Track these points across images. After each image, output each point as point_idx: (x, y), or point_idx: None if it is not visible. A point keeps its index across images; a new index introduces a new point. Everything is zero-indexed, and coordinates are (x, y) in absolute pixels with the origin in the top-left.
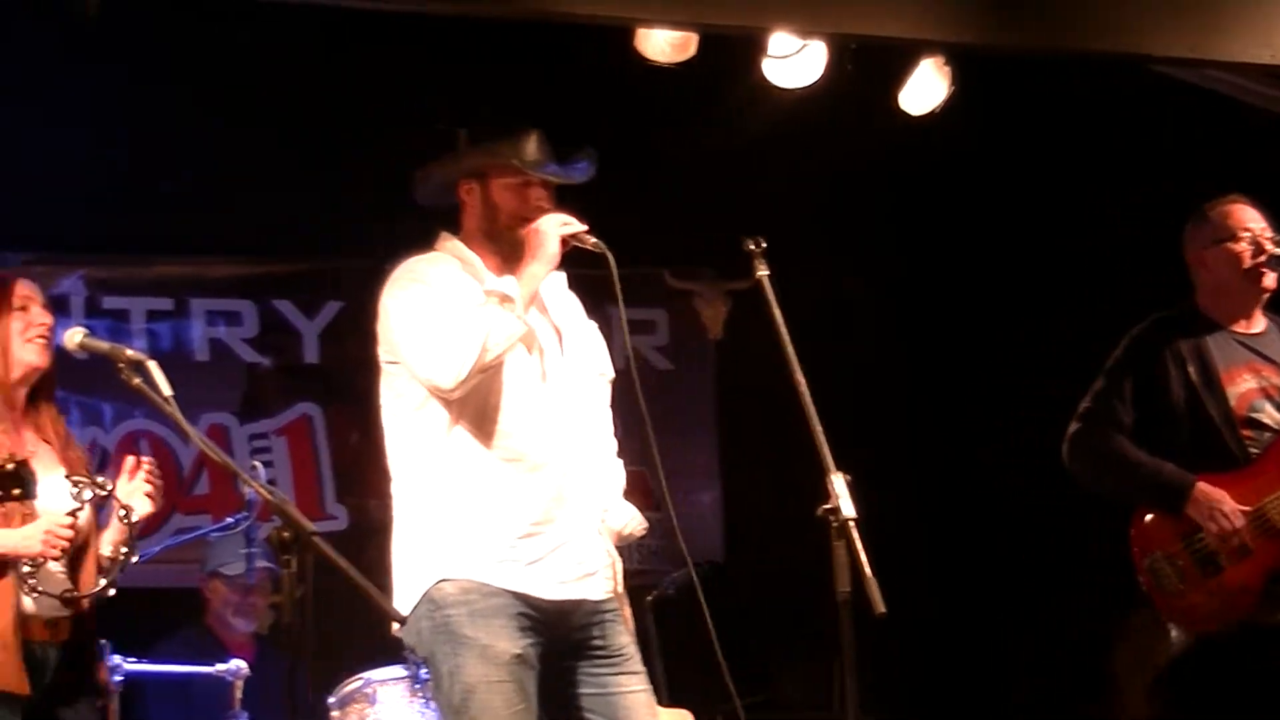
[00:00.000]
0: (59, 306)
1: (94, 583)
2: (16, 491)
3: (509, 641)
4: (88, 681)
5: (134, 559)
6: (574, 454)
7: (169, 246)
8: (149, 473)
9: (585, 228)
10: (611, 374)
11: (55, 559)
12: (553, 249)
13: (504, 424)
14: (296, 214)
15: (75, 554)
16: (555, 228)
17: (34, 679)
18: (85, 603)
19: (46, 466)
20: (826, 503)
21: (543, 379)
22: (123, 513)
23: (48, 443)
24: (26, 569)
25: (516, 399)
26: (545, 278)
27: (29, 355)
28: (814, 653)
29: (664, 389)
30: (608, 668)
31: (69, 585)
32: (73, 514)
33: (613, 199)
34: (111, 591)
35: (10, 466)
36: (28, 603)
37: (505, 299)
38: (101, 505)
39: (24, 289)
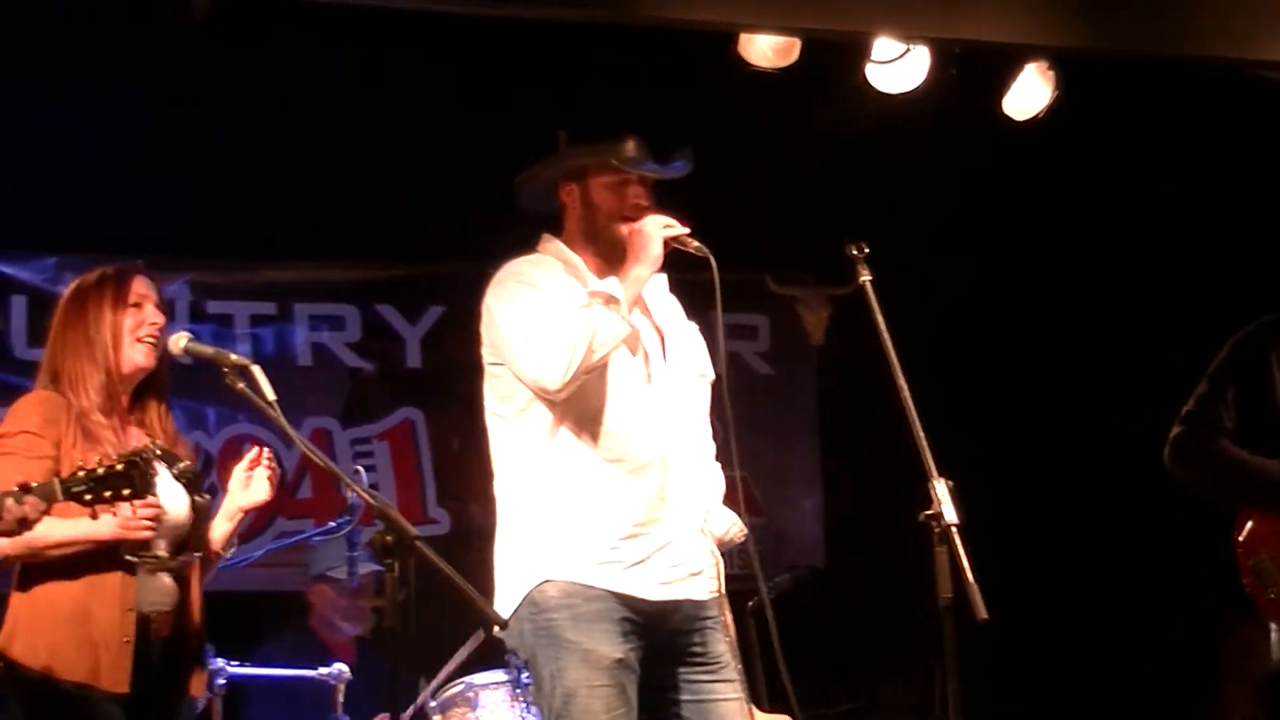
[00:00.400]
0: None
1: (200, 575)
2: (126, 491)
3: (610, 646)
4: (187, 680)
5: (227, 553)
6: (676, 455)
7: (273, 251)
8: (269, 465)
9: (688, 230)
10: (713, 375)
11: (139, 540)
12: (656, 250)
13: (608, 425)
14: (400, 219)
15: (179, 544)
16: (658, 229)
17: (136, 676)
18: (193, 600)
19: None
20: (928, 508)
21: (646, 380)
22: (200, 499)
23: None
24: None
25: (620, 400)
26: (648, 279)
27: (137, 355)
28: (915, 658)
29: (765, 394)
30: (705, 675)
31: (176, 583)
32: (148, 503)
33: (715, 204)
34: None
35: (120, 466)
36: (144, 595)
37: (610, 300)
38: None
39: (141, 286)
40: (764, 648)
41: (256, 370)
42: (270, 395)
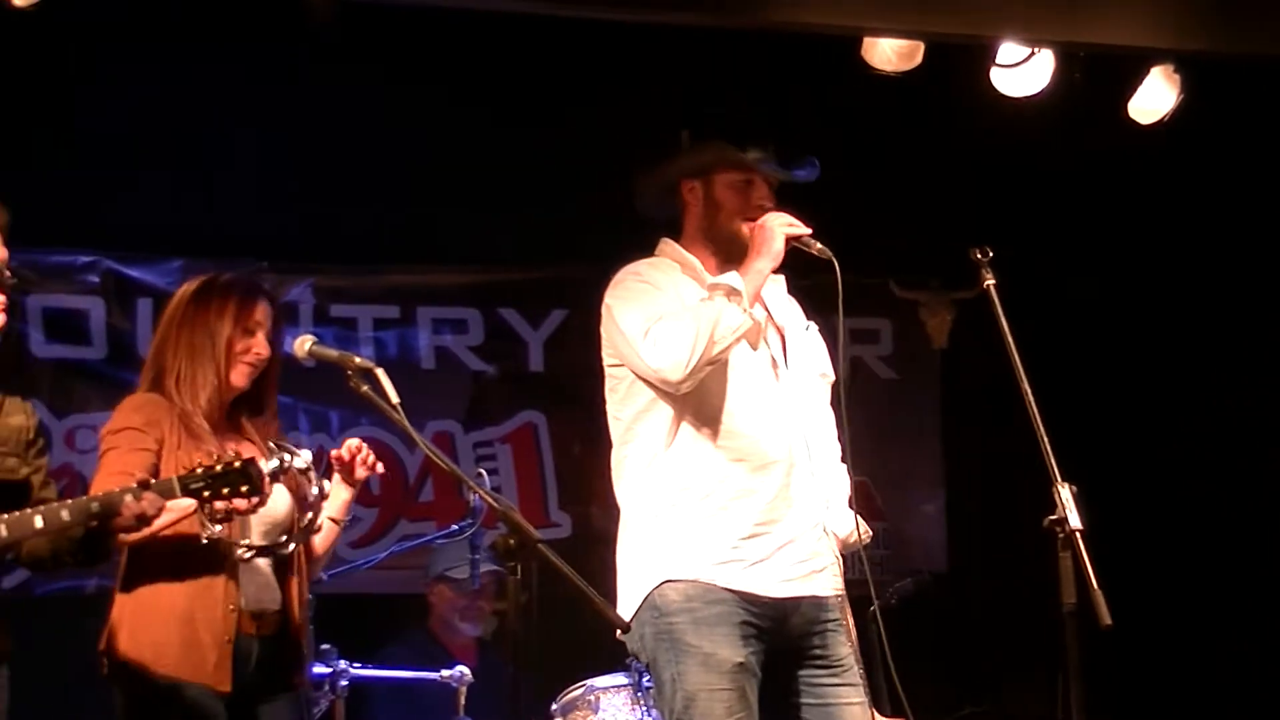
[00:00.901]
0: (287, 314)
1: (306, 568)
2: (244, 488)
3: (731, 649)
4: (290, 678)
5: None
6: (799, 454)
7: (397, 255)
8: (364, 460)
9: (809, 231)
10: (833, 376)
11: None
12: (778, 246)
13: (730, 424)
14: (523, 222)
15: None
16: (781, 226)
17: (236, 674)
18: (296, 599)
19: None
20: (1053, 513)
21: (769, 381)
22: (316, 491)
23: (253, 444)
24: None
25: (742, 398)
26: (769, 274)
27: (237, 377)
28: (1038, 664)
29: (888, 398)
30: (827, 677)
31: (280, 581)
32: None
33: (837, 208)
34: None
35: (237, 464)
36: (248, 594)
37: (732, 292)
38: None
39: (261, 314)
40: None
41: (380, 373)
42: (394, 398)
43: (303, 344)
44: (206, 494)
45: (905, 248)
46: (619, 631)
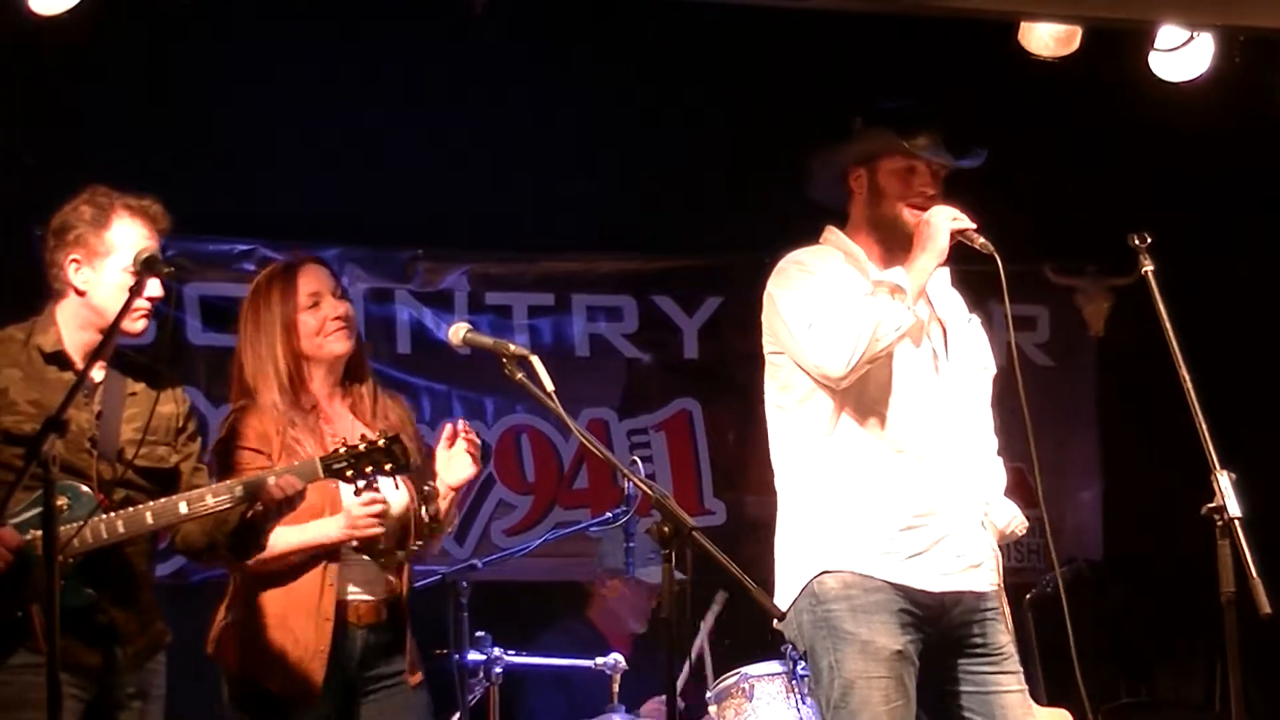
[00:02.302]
0: (442, 302)
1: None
2: (388, 466)
3: (890, 637)
4: (401, 665)
5: (448, 529)
6: (958, 447)
7: (551, 243)
8: (467, 437)
9: (974, 225)
10: (994, 369)
11: (370, 540)
12: (942, 242)
13: (891, 415)
14: (678, 210)
15: (402, 535)
16: (946, 221)
17: (340, 664)
18: (402, 587)
19: None
20: (1211, 501)
21: (930, 373)
22: (427, 488)
23: (366, 425)
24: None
25: (903, 390)
26: (933, 270)
27: (334, 347)
28: (1196, 652)
29: (1044, 386)
30: (986, 666)
31: (384, 570)
32: (373, 500)
33: (995, 194)
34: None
35: (381, 442)
36: (350, 586)
37: (896, 289)
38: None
39: (311, 283)
40: (1042, 642)
41: (536, 361)
42: (549, 386)
43: (458, 332)
44: (349, 473)
45: (1062, 234)
46: (775, 619)
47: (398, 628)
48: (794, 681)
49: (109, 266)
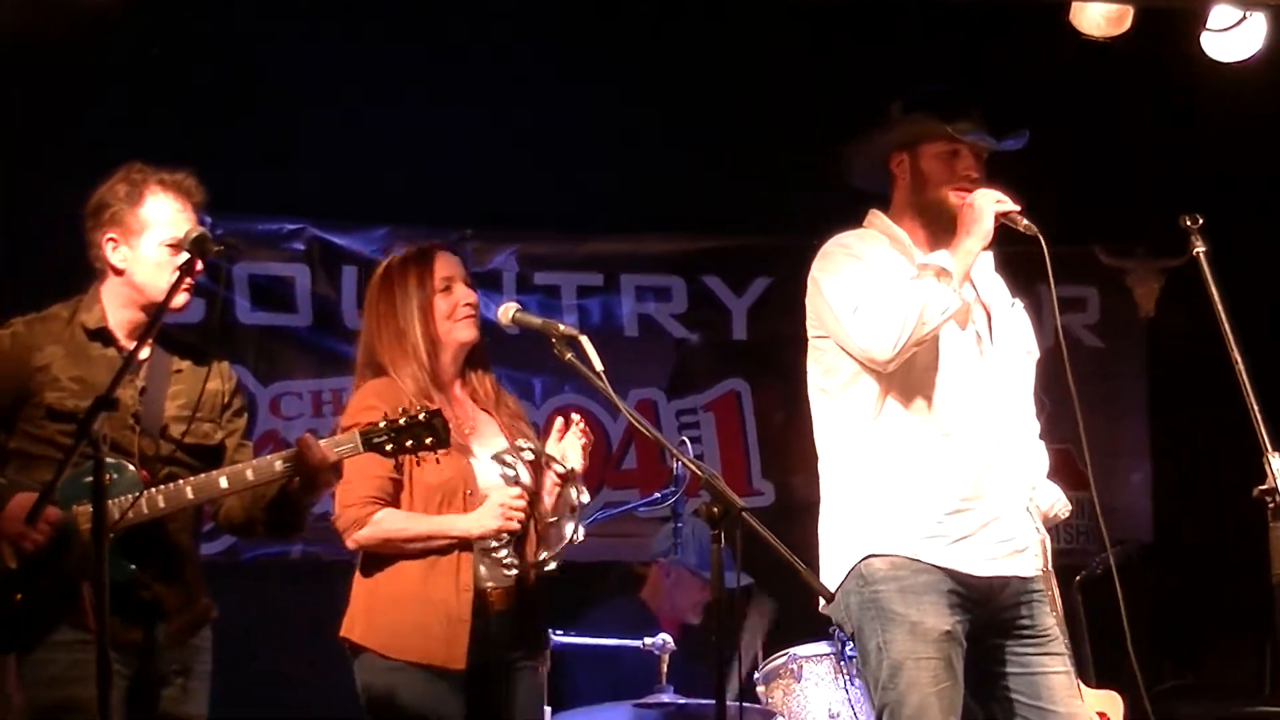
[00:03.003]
0: (491, 282)
1: (536, 552)
2: (429, 440)
3: (938, 618)
4: (528, 649)
5: (580, 531)
6: (1003, 431)
7: (600, 223)
8: (581, 430)
9: (1019, 208)
10: (1038, 353)
11: (513, 532)
12: (987, 225)
13: (936, 399)
14: (726, 190)
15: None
16: (990, 204)
17: (475, 650)
18: (531, 573)
19: (488, 437)
20: (1263, 483)
21: (975, 357)
22: (560, 468)
23: (486, 412)
24: (491, 544)
25: (949, 375)
26: (978, 254)
27: (462, 334)
28: (1244, 635)
29: (1094, 367)
30: (1033, 648)
31: (514, 557)
32: (521, 487)
33: (1044, 175)
34: (551, 565)
35: (422, 416)
36: (481, 571)
37: (941, 272)
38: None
39: (445, 268)
40: (1090, 623)
41: (585, 341)
42: (598, 366)
43: (506, 311)
44: (389, 447)
45: (1112, 215)
46: (822, 601)
47: (527, 612)
48: (842, 662)
49: (145, 243)
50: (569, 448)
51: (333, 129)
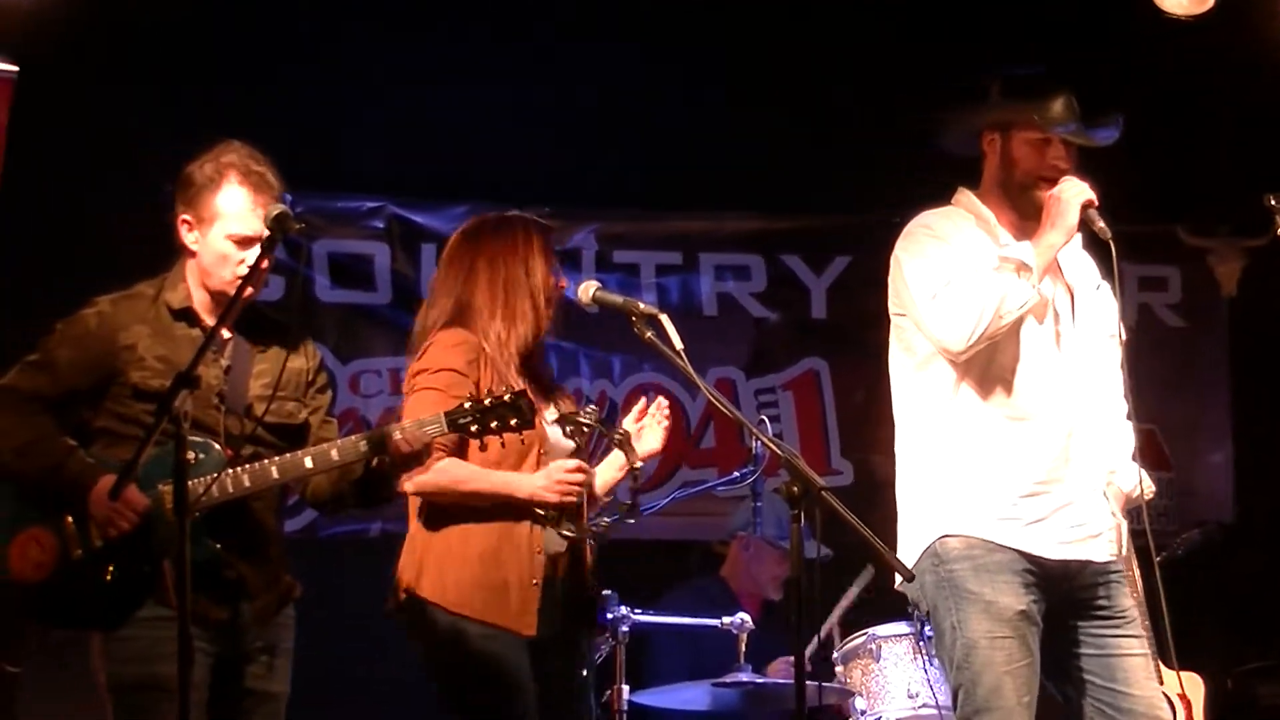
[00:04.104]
0: (570, 260)
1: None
2: (514, 421)
3: (1013, 597)
4: (585, 618)
5: (638, 505)
6: (1081, 415)
7: (679, 201)
8: (663, 412)
9: (1097, 203)
10: (1123, 335)
11: (565, 504)
12: (1072, 220)
13: (1014, 382)
14: (806, 169)
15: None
16: (1077, 199)
17: (542, 618)
18: (588, 542)
19: (548, 403)
20: None
21: (1054, 340)
22: (618, 434)
23: (535, 382)
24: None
25: (1028, 358)
26: (1061, 247)
27: (550, 314)
28: None
29: (1174, 347)
30: (1110, 629)
31: (568, 525)
32: (580, 468)
33: (1127, 154)
34: (605, 522)
35: (508, 397)
36: (549, 537)
37: (1022, 267)
38: (597, 444)
39: (554, 258)
40: (1171, 605)
41: (665, 319)
42: (678, 344)
43: (587, 290)
44: (474, 428)
45: (1195, 194)
46: (900, 580)
47: (583, 583)
48: (921, 642)
49: (214, 232)
50: (648, 430)
51: (413, 107)
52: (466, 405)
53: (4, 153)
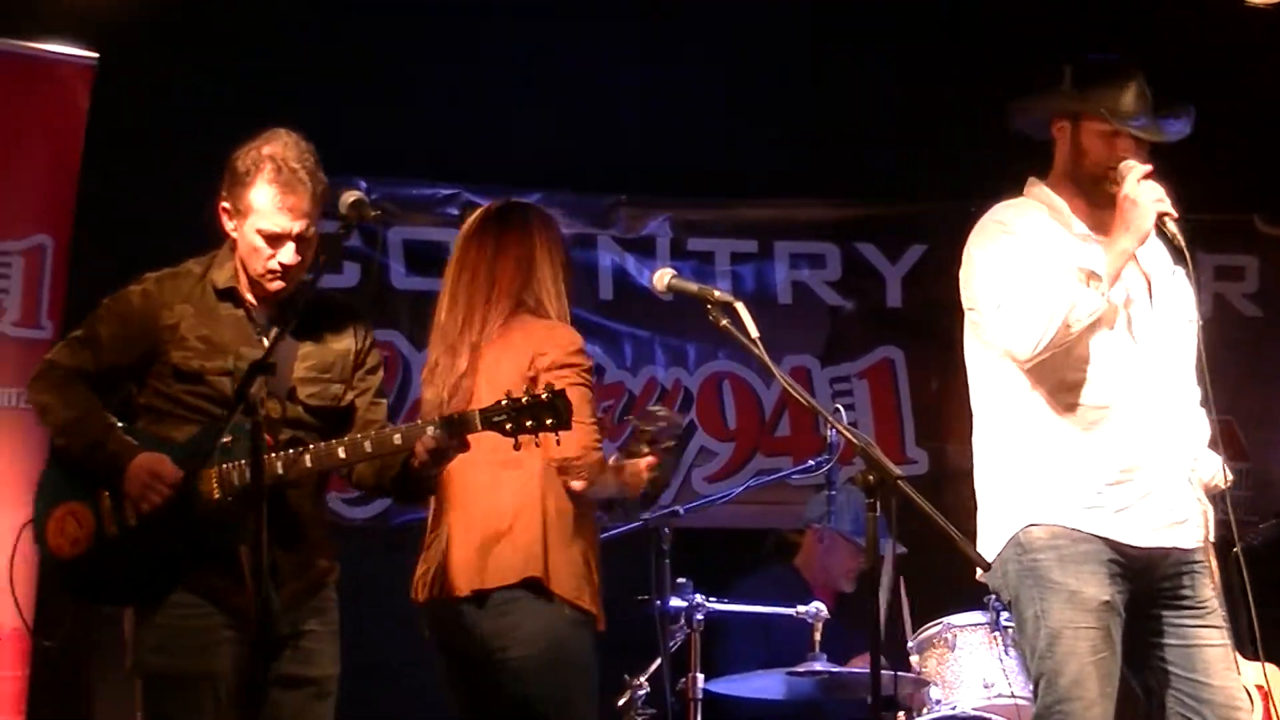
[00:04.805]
0: (645, 248)
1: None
2: (549, 421)
3: (1098, 587)
4: None
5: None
6: (1162, 402)
7: (754, 189)
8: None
9: (1175, 214)
10: (1199, 320)
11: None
12: (1146, 226)
13: (1093, 371)
14: (881, 157)
15: None
16: (1152, 203)
17: None
18: None
19: None
20: None
21: (1130, 328)
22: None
23: None
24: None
25: (1105, 346)
26: (1134, 251)
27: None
28: None
29: (1252, 336)
30: (1191, 619)
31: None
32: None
33: (1204, 143)
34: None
35: (545, 396)
36: None
37: (1092, 275)
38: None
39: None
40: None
41: (740, 307)
42: (754, 332)
43: (662, 278)
44: (509, 426)
45: (1271, 183)
46: (978, 570)
47: None
48: (997, 632)
49: (247, 225)
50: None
51: (488, 95)
52: (503, 403)
53: (84, 139)
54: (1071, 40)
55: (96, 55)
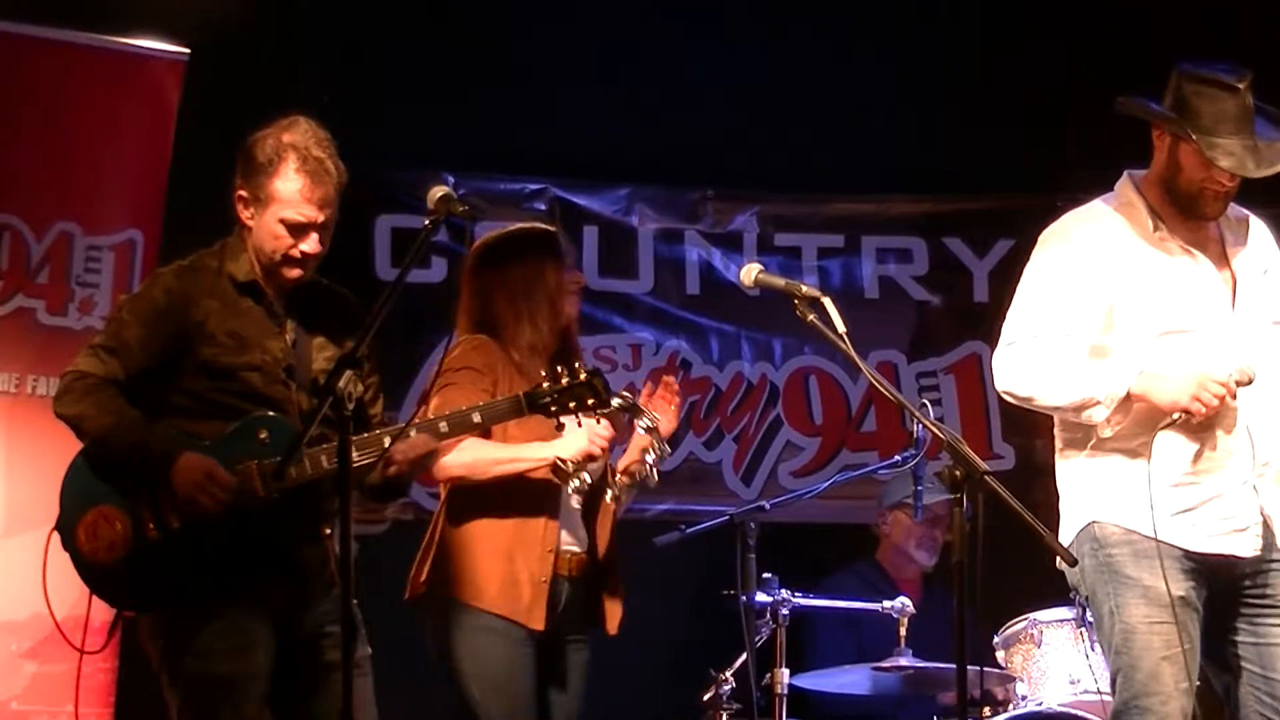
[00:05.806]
0: (731, 243)
1: (609, 510)
2: (590, 401)
3: (1172, 583)
4: (592, 617)
5: (655, 474)
6: (1237, 406)
7: (841, 184)
8: (674, 390)
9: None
10: None
11: (597, 458)
12: (1169, 406)
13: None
14: (968, 151)
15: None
16: (1187, 397)
17: (549, 613)
18: (600, 549)
19: None
20: None
21: (1216, 325)
22: (646, 423)
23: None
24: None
25: (1184, 345)
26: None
27: (571, 307)
28: None
29: None
30: (1267, 616)
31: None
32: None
33: None
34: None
35: (583, 376)
36: (562, 536)
37: (1094, 403)
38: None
39: (565, 244)
40: None
41: (828, 302)
42: (841, 328)
43: (750, 273)
44: (553, 409)
45: None
46: (1061, 564)
47: (597, 584)
48: (1083, 628)
49: (269, 214)
50: (659, 408)
51: (575, 90)
52: (544, 386)
53: (175, 135)
54: (1168, 41)
55: (188, 51)
